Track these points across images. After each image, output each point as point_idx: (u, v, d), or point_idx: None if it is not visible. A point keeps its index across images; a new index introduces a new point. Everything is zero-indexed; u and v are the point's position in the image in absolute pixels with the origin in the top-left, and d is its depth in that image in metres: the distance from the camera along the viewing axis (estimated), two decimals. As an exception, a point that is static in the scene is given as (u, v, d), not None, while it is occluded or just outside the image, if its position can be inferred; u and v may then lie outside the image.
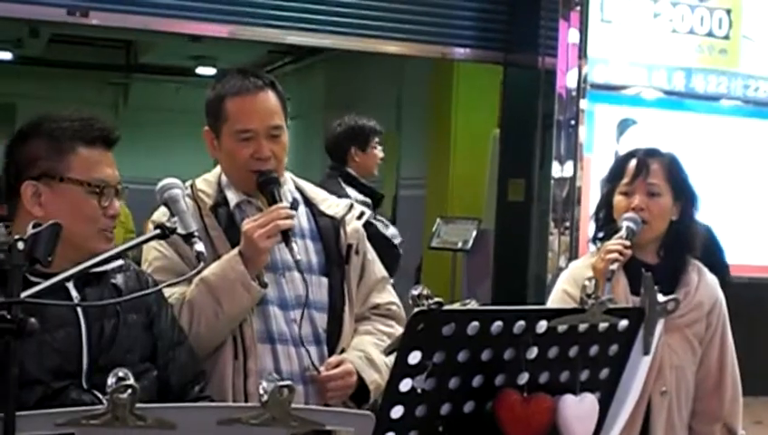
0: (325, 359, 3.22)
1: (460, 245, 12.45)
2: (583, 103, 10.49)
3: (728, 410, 3.75)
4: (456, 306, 2.38)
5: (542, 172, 10.63)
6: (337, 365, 3.20)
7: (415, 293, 2.19)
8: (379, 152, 6.96)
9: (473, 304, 2.38)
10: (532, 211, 10.88)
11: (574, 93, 10.51)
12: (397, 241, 6.87)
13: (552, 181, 10.45)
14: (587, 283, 2.56)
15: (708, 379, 3.72)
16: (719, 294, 3.79)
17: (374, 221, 6.61)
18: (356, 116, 7.40)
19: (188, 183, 3.23)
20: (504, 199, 11.54)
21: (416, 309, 2.19)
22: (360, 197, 6.67)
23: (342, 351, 3.26)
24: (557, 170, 10.49)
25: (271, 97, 3.24)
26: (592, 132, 10.52)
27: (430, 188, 14.61)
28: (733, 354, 3.77)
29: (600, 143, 10.45)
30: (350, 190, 6.67)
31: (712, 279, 3.80)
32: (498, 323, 2.30)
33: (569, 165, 10.38)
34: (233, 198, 3.27)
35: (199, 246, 2.62)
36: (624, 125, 10.63)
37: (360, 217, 3.41)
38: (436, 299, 2.20)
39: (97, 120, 2.78)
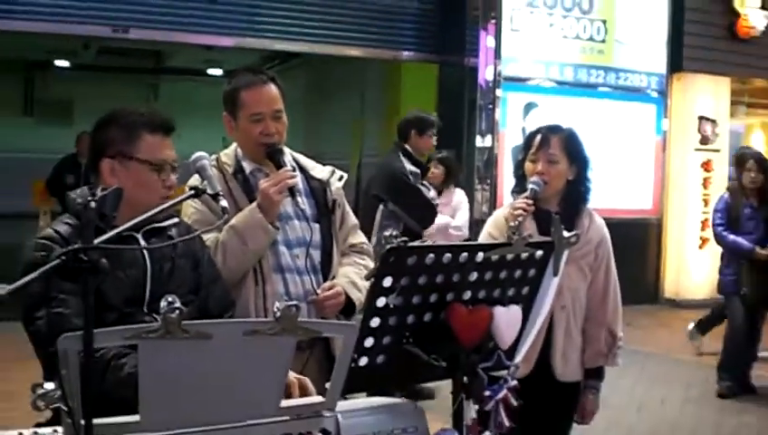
0: (321, 284, 3.22)
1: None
2: (498, 92, 10.59)
3: (611, 317, 3.76)
4: (417, 244, 2.37)
5: (468, 144, 10.69)
6: (330, 288, 3.20)
7: (386, 234, 2.20)
8: (431, 140, 6.95)
9: (429, 242, 2.37)
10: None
11: (491, 84, 10.58)
12: (435, 202, 6.90)
13: (476, 150, 10.54)
14: (512, 224, 2.58)
15: (596, 295, 3.73)
16: (605, 232, 3.79)
17: (420, 186, 6.76)
18: (421, 110, 7.38)
19: (214, 157, 3.20)
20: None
21: (388, 246, 2.19)
22: (412, 167, 6.76)
23: (333, 278, 3.26)
24: (479, 142, 10.59)
25: (273, 88, 3.21)
26: (505, 113, 10.60)
27: (387, 157, 14.56)
28: (615, 276, 3.78)
29: (511, 121, 10.55)
30: (405, 161, 6.75)
31: (600, 221, 3.80)
32: (448, 255, 2.29)
33: (488, 138, 10.48)
34: (247, 167, 3.25)
35: (224, 203, 2.60)
36: (529, 108, 10.73)
37: (340, 180, 3.40)
38: (403, 238, 2.20)
39: (159, 114, 2.77)
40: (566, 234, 2.51)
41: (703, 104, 12.29)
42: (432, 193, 6.95)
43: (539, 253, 2.48)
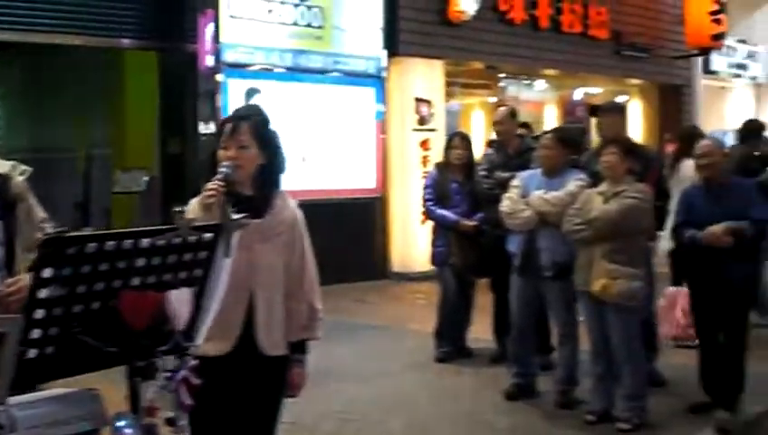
0: (5, 280, 3.14)
1: (135, 188, 12.33)
2: (219, 77, 10.56)
3: (310, 292, 3.86)
4: (76, 233, 2.37)
5: (193, 130, 10.68)
6: (13, 284, 3.13)
7: (43, 224, 2.20)
8: None
9: (89, 230, 2.38)
10: (186, 159, 11.01)
11: (212, 71, 10.57)
12: None
13: (200, 137, 10.51)
14: (178, 209, 2.61)
15: (294, 272, 3.81)
16: (298, 213, 3.87)
17: None
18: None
19: None
20: (166, 152, 11.54)
21: (44, 236, 2.19)
22: None
23: (18, 273, 3.19)
24: (203, 128, 10.56)
25: None
26: (227, 99, 10.61)
27: (113, 147, 14.22)
28: (311, 254, 3.88)
29: (233, 107, 10.47)
30: None
31: (293, 203, 3.90)
32: (111, 243, 2.32)
33: (211, 124, 10.45)
34: None
35: None
36: (250, 93, 10.78)
37: (22, 174, 3.33)
38: (61, 228, 2.21)
39: None
40: (235, 216, 2.59)
41: (419, 86, 12.80)
42: None
43: (208, 236, 2.55)
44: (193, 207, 3.79)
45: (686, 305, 6.60)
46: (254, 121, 3.78)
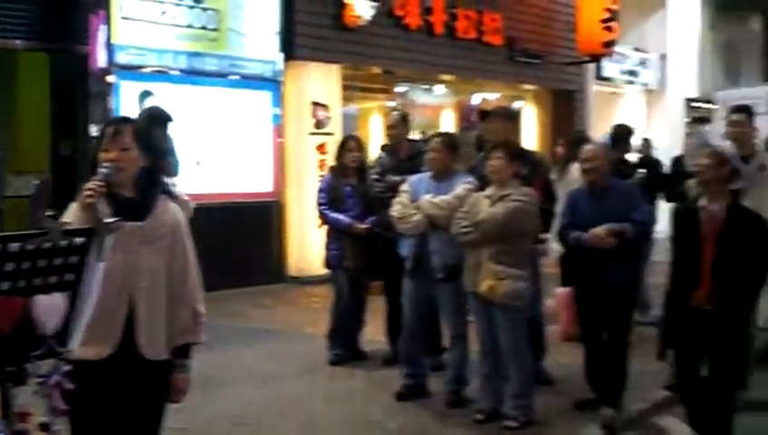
0: None
1: (25, 192, 12.04)
2: (111, 79, 10.41)
3: (193, 296, 3.84)
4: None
5: (84, 132, 10.51)
6: None
7: None
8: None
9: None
10: (78, 161, 10.85)
11: (104, 72, 10.43)
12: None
13: (91, 139, 10.35)
14: (50, 213, 2.58)
15: (177, 276, 3.77)
16: (179, 216, 3.85)
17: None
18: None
19: None
20: (58, 155, 11.32)
21: None
22: None
23: None
24: (94, 130, 10.39)
25: None
26: (119, 102, 10.45)
27: (8, 150, 13.87)
28: (193, 257, 3.85)
29: (127, 110, 10.38)
30: None
31: (175, 207, 3.88)
32: (-22, 248, 2.30)
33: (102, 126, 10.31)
34: None
35: None
36: (144, 96, 10.64)
37: None
38: (-77, 233, 2.17)
39: None
40: (108, 220, 2.58)
41: (315, 90, 12.79)
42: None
43: (80, 240, 2.53)
44: (73, 209, 3.75)
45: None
46: (136, 125, 3.77)
